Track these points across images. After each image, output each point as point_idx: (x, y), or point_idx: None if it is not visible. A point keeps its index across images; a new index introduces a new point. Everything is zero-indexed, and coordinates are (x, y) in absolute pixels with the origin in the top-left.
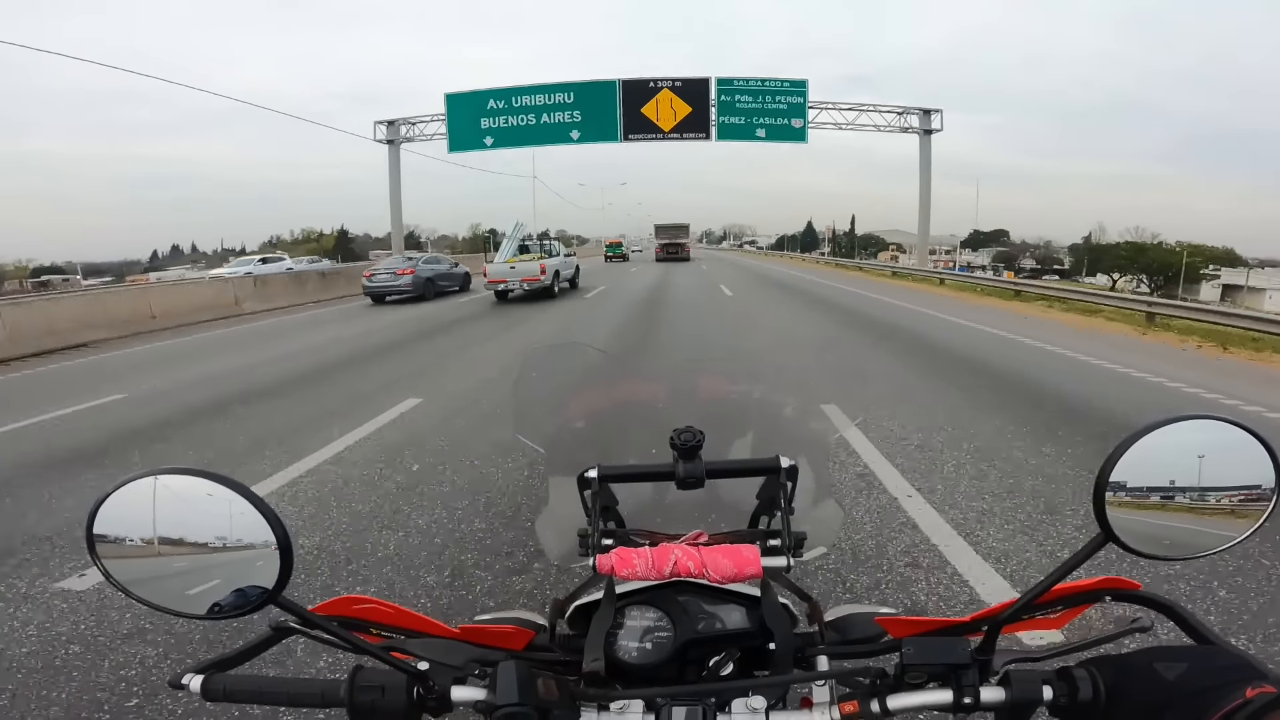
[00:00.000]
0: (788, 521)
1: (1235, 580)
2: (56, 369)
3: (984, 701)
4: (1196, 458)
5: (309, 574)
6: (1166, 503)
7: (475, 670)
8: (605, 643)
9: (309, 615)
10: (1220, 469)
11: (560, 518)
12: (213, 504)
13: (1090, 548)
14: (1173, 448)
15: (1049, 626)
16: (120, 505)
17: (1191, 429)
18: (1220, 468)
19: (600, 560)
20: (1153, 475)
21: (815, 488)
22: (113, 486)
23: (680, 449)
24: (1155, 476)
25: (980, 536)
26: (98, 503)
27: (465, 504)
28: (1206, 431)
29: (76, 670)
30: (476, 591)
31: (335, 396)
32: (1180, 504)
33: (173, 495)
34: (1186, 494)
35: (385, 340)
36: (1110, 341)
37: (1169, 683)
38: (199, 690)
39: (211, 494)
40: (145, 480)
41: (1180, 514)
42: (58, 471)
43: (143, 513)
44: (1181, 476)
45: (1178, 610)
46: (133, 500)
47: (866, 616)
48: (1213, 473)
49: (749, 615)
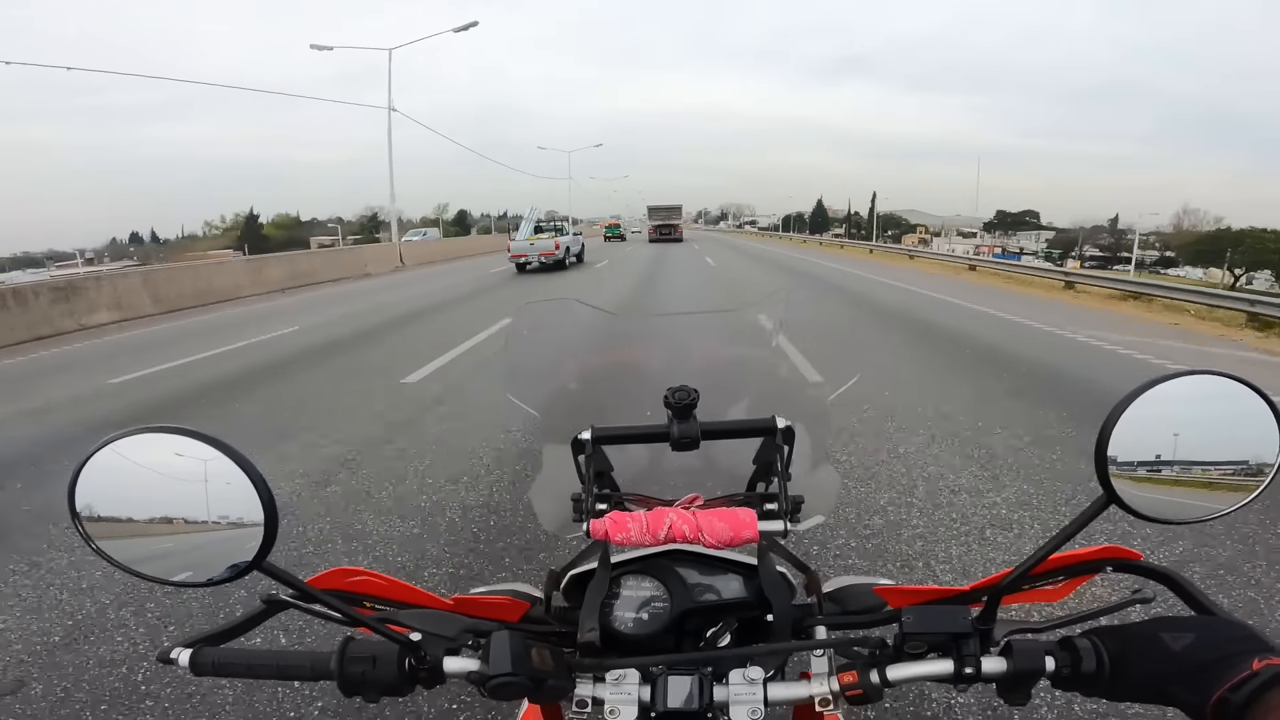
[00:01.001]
0: (784, 485)
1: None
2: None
3: (985, 672)
4: (1199, 416)
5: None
6: (1170, 463)
7: (469, 641)
8: (601, 613)
9: (302, 586)
10: (1226, 428)
11: (554, 483)
12: (196, 464)
13: (1092, 510)
14: (1175, 405)
15: (1050, 598)
16: (104, 467)
17: (1194, 384)
18: (1226, 426)
19: (594, 525)
20: (1156, 434)
21: (812, 452)
22: (94, 447)
23: (675, 408)
24: (1158, 435)
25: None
26: (79, 465)
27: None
28: (1209, 387)
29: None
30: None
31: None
32: (1183, 465)
33: (156, 455)
34: (1189, 455)
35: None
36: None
37: (1175, 653)
38: (187, 664)
39: (195, 453)
40: (127, 440)
41: (1183, 476)
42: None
43: (126, 474)
44: (1186, 435)
45: (1179, 581)
46: (116, 462)
47: (865, 587)
48: (1217, 432)
49: (746, 585)
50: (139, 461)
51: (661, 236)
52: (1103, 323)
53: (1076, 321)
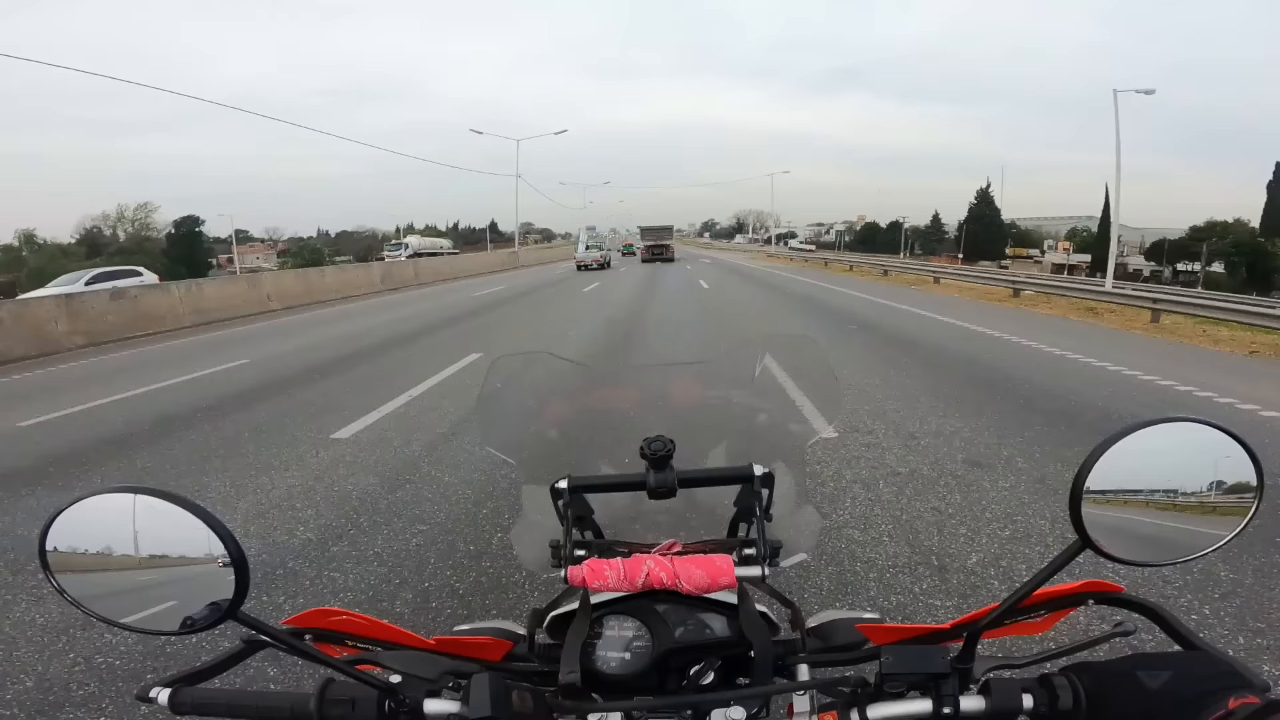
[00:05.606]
0: (763, 530)
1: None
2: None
3: (964, 711)
4: (1176, 462)
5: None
6: (1145, 508)
7: (449, 683)
8: (583, 653)
9: (275, 631)
10: (1201, 472)
11: (534, 526)
12: (164, 523)
13: (1067, 555)
14: (1152, 452)
15: (1032, 631)
16: (74, 522)
17: (1171, 432)
18: (1201, 471)
19: (572, 572)
20: (1131, 480)
21: (793, 494)
22: (65, 504)
23: (650, 459)
24: (1134, 481)
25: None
26: (49, 520)
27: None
28: (1186, 434)
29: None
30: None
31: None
32: (1159, 508)
33: (123, 514)
34: (1166, 498)
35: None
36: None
37: (1151, 691)
38: (166, 703)
39: (163, 513)
40: (97, 498)
41: (1160, 519)
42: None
43: (97, 531)
44: (1161, 481)
45: (1161, 613)
46: (87, 518)
47: (848, 623)
48: (1193, 476)
49: (729, 624)
50: (108, 520)
51: (654, 256)
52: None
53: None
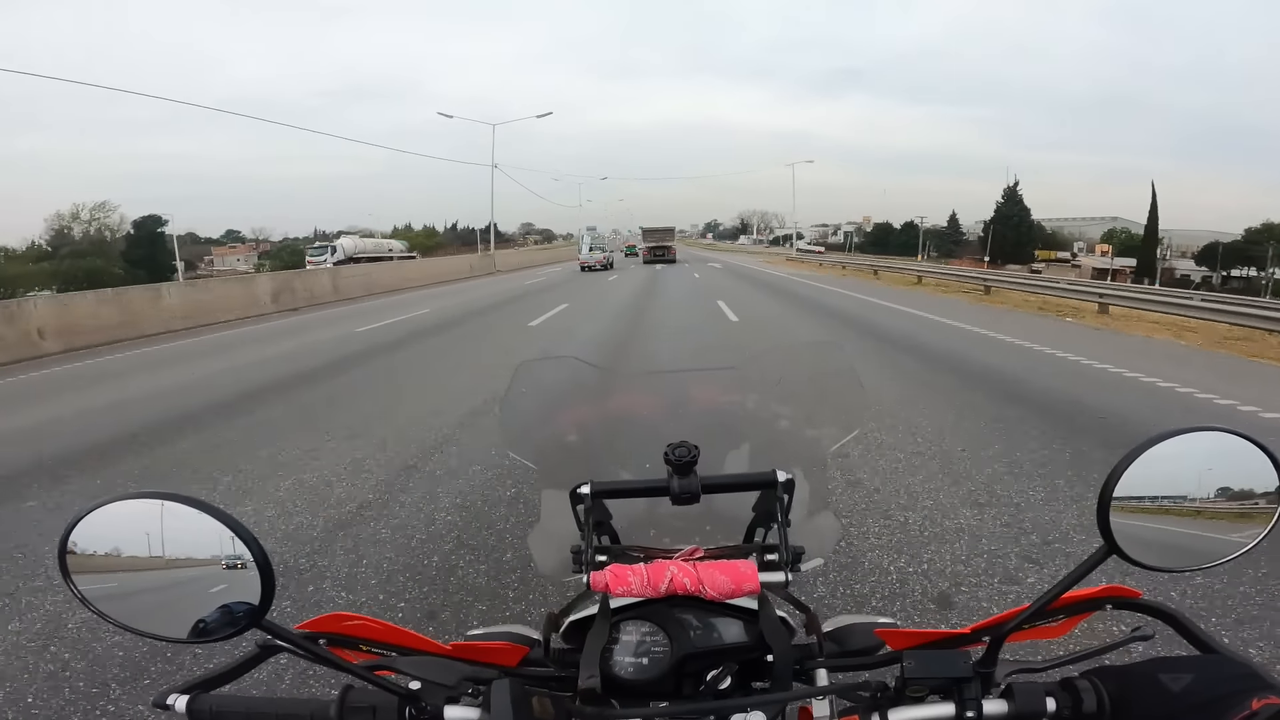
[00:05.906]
0: (785, 536)
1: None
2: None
3: (986, 715)
4: (1201, 470)
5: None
6: (1170, 514)
7: (468, 689)
8: (601, 659)
9: (294, 636)
10: (1225, 480)
11: (553, 532)
12: (189, 528)
13: (1093, 560)
14: (1177, 460)
15: (1049, 635)
16: (94, 528)
17: (1197, 440)
18: (1225, 479)
19: (594, 578)
20: (1157, 487)
21: (812, 499)
22: (84, 510)
23: (675, 464)
24: (1160, 489)
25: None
26: (69, 527)
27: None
28: (1211, 443)
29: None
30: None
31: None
32: (1184, 515)
33: (147, 519)
34: (1190, 505)
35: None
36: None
37: (1174, 694)
38: (184, 710)
39: (187, 518)
40: (117, 505)
41: (1184, 526)
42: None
43: (118, 537)
44: (1186, 488)
45: (1179, 619)
46: (107, 524)
47: (866, 627)
48: (1217, 484)
49: (747, 629)
50: (130, 525)
51: (656, 257)
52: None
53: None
